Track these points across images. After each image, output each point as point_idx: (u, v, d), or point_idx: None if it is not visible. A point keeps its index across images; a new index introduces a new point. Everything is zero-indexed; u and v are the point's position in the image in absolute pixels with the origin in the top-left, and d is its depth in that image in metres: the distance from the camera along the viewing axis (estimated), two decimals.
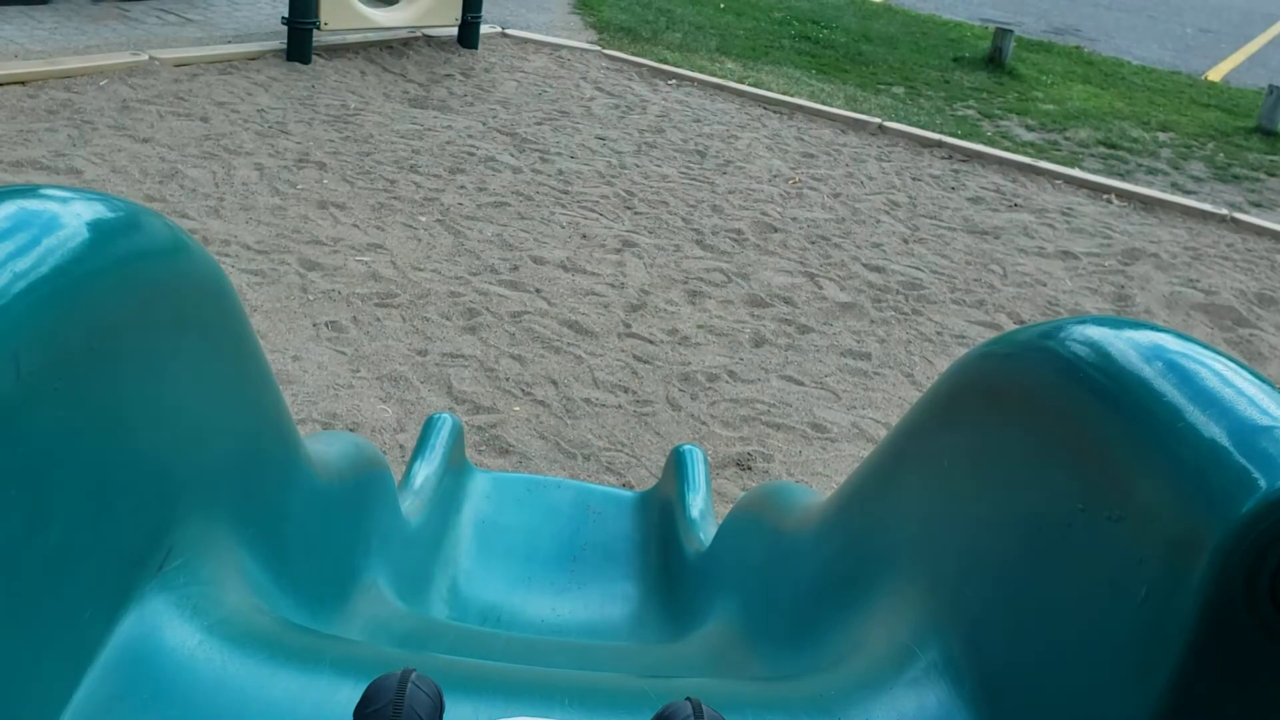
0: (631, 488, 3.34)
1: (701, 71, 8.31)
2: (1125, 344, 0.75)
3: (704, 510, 2.19)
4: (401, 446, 3.37)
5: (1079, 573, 0.72)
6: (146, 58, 6.34)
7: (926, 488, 0.91)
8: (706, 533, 2.05)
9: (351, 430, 3.41)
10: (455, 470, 2.45)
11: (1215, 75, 11.60)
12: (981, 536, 0.82)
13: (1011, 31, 10.18)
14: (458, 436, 2.45)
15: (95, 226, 0.70)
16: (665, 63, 8.40)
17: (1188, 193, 7.17)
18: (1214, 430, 0.66)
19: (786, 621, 1.17)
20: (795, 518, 1.30)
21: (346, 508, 1.31)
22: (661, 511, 2.41)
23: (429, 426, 2.40)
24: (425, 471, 2.21)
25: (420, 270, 4.51)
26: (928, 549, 0.89)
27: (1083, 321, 0.82)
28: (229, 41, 7.04)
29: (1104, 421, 0.72)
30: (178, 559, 0.79)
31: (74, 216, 0.69)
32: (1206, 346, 0.77)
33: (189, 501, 0.83)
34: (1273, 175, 7.85)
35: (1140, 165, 7.70)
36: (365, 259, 4.52)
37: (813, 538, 1.18)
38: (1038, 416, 0.77)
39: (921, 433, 0.96)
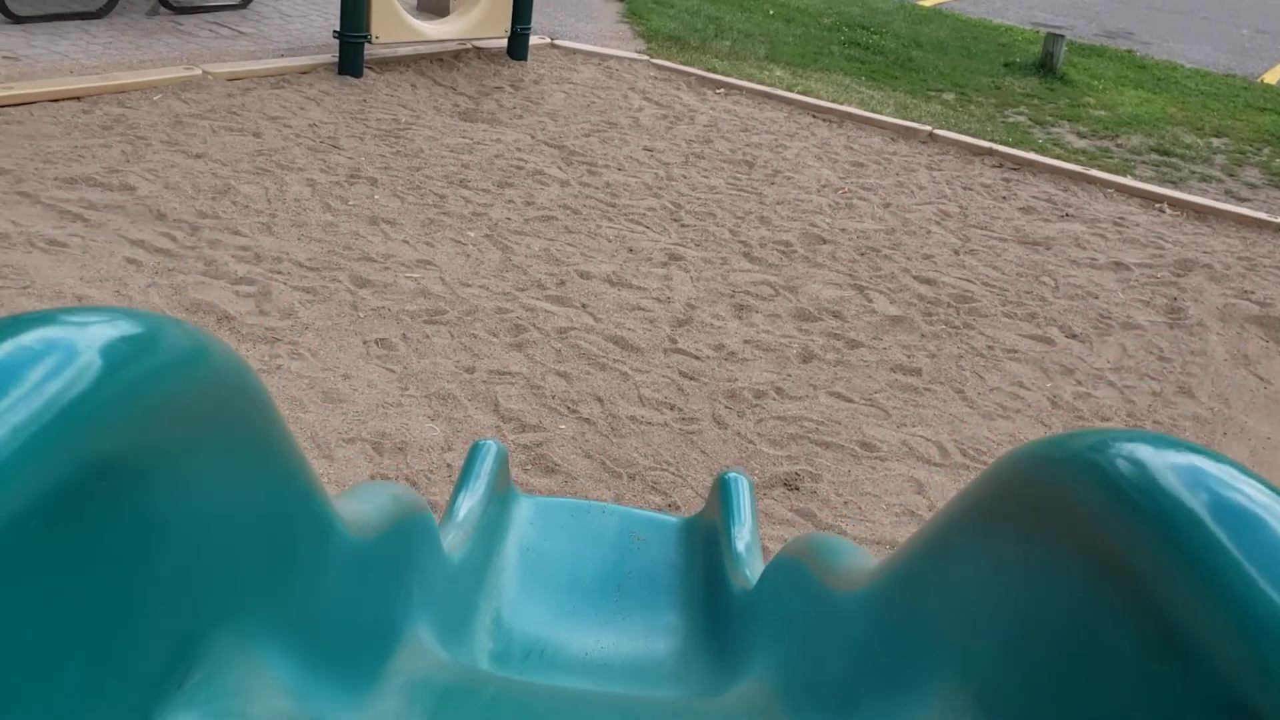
0: (677, 508, 3.35)
1: (750, 79, 8.29)
2: (1183, 477, 0.73)
3: (750, 544, 2.19)
4: (449, 465, 3.39)
5: (1122, 712, 0.71)
6: (200, 72, 6.43)
7: (971, 585, 0.90)
8: (753, 568, 2.04)
9: (400, 449, 3.44)
10: (500, 497, 2.46)
11: (1271, 78, 11.40)
12: (1024, 649, 0.81)
13: (1063, 35, 10.08)
14: (502, 463, 2.46)
15: (106, 352, 0.70)
16: (714, 71, 8.40)
17: (1241, 200, 7.05)
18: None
19: (830, 690, 1.16)
20: (842, 577, 1.29)
21: (384, 563, 1.32)
22: (706, 540, 2.41)
23: (473, 454, 2.41)
24: (469, 503, 2.22)
25: (468, 286, 4.54)
26: (971, 650, 0.88)
27: (1134, 439, 0.79)
28: (281, 55, 7.13)
29: (1158, 561, 0.70)
30: (200, 673, 0.79)
31: (81, 344, 0.69)
32: (1269, 486, 0.74)
33: (213, 612, 0.83)
34: None
35: (1194, 172, 7.59)
36: (415, 275, 4.56)
37: (859, 604, 1.17)
38: (1087, 539, 0.76)
39: (967, 526, 0.95)
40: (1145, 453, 0.76)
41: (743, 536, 2.22)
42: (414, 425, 3.57)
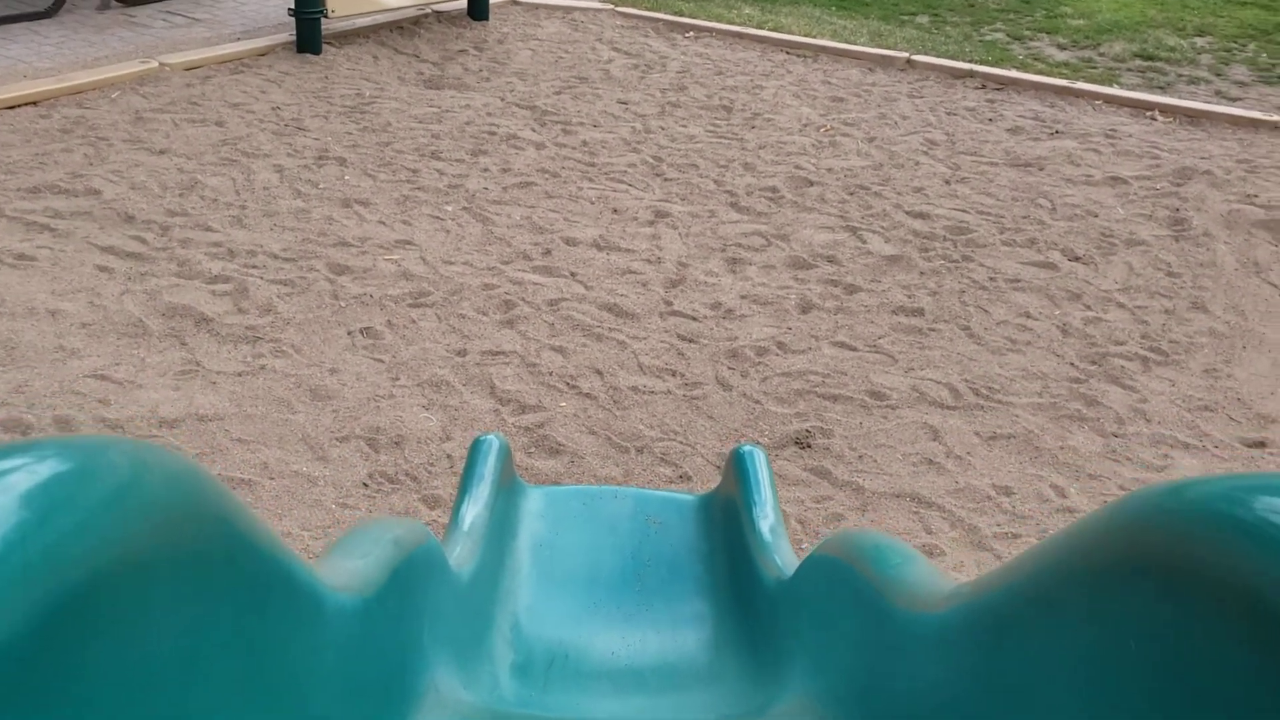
0: (689, 479, 3.23)
1: (719, 20, 8.09)
2: None
3: (774, 524, 2.07)
4: (449, 456, 3.27)
5: None
6: (156, 65, 6.23)
7: (1097, 653, 0.78)
8: (781, 553, 1.92)
9: (396, 443, 3.31)
10: (505, 492, 2.34)
11: None
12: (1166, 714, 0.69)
13: None
14: (505, 457, 2.33)
15: (31, 503, 0.58)
16: (681, 14, 8.19)
17: (1233, 100, 6.90)
18: None
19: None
20: (907, 594, 1.17)
21: (388, 617, 1.20)
22: (727, 519, 2.29)
23: (474, 452, 2.28)
24: (475, 508, 2.10)
25: (451, 264, 4.39)
26: (1093, 711, 0.76)
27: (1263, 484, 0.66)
28: (237, 39, 6.92)
29: None
30: None
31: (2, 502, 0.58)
32: None
33: None
34: None
35: (1180, 75, 7.42)
36: (394, 257, 4.41)
37: (938, 633, 1.05)
38: (1239, 598, 0.63)
39: (1080, 576, 0.82)
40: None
41: (766, 517, 2.10)
42: (409, 417, 3.44)
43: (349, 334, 3.88)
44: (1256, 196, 5.21)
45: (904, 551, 1.32)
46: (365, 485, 3.16)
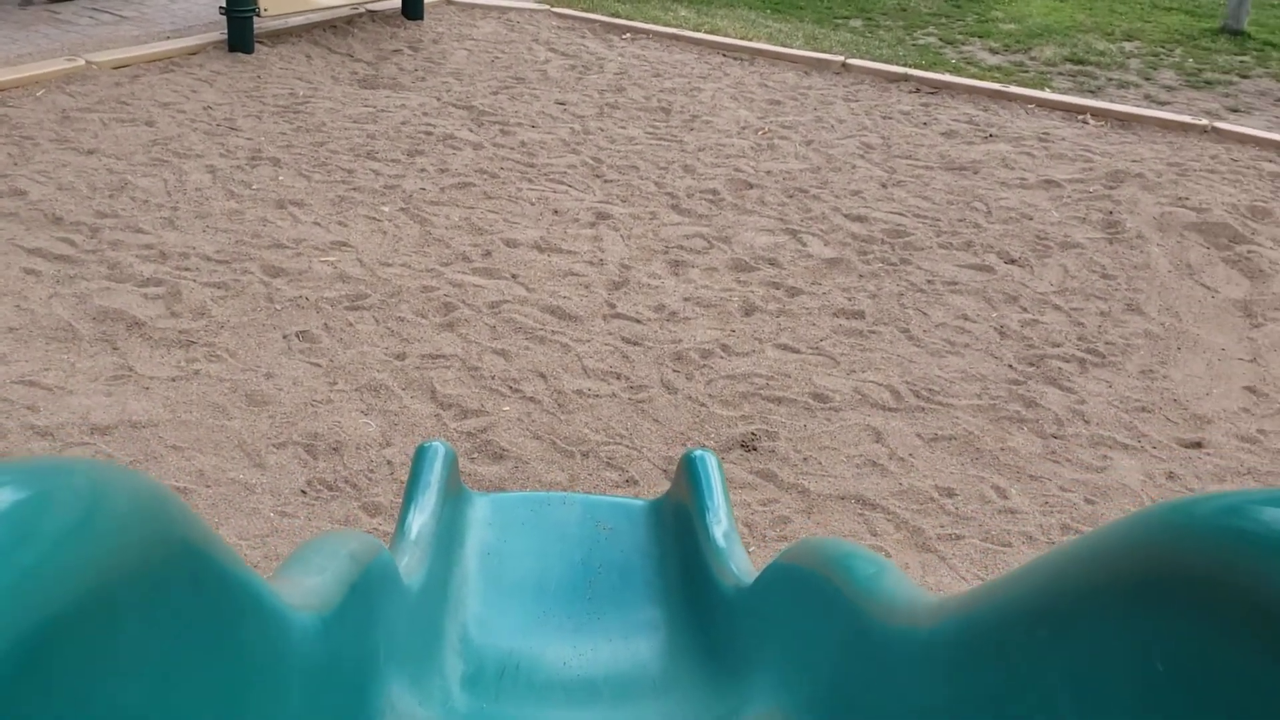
0: (635, 484, 3.21)
1: (655, 22, 8.08)
2: None
3: (728, 531, 2.05)
4: (389, 463, 3.21)
5: None
6: (83, 63, 6.08)
7: (1111, 672, 0.76)
8: (737, 559, 1.90)
9: (335, 450, 3.25)
10: (452, 500, 2.29)
11: None
12: None
13: None
14: (452, 465, 2.29)
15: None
16: (617, 16, 8.17)
17: (1162, 104, 7.02)
18: None
19: None
20: (886, 606, 1.15)
21: (347, 634, 1.16)
22: (678, 524, 2.27)
23: (419, 459, 2.24)
24: (421, 516, 2.05)
25: (389, 266, 4.32)
26: None
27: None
28: (167, 38, 6.77)
29: None
30: None
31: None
32: None
33: None
34: (1245, 77, 7.72)
35: (1110, 79, 7.54)
36: (330, 259, 4.33)
37: (925, 649, 1.03)
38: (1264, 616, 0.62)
39: (1088, 593, 0.80)
40: None
41: (720, 522, 2.08)
42: (347, 422, 3.38)
43: (285, 338, 3.81)
44: (1188, 199, 5.30)
45: (875, 560, 1.31)
46: (304, 492, 3.10)
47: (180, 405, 3.39)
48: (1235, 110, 6.99)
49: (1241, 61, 8.05)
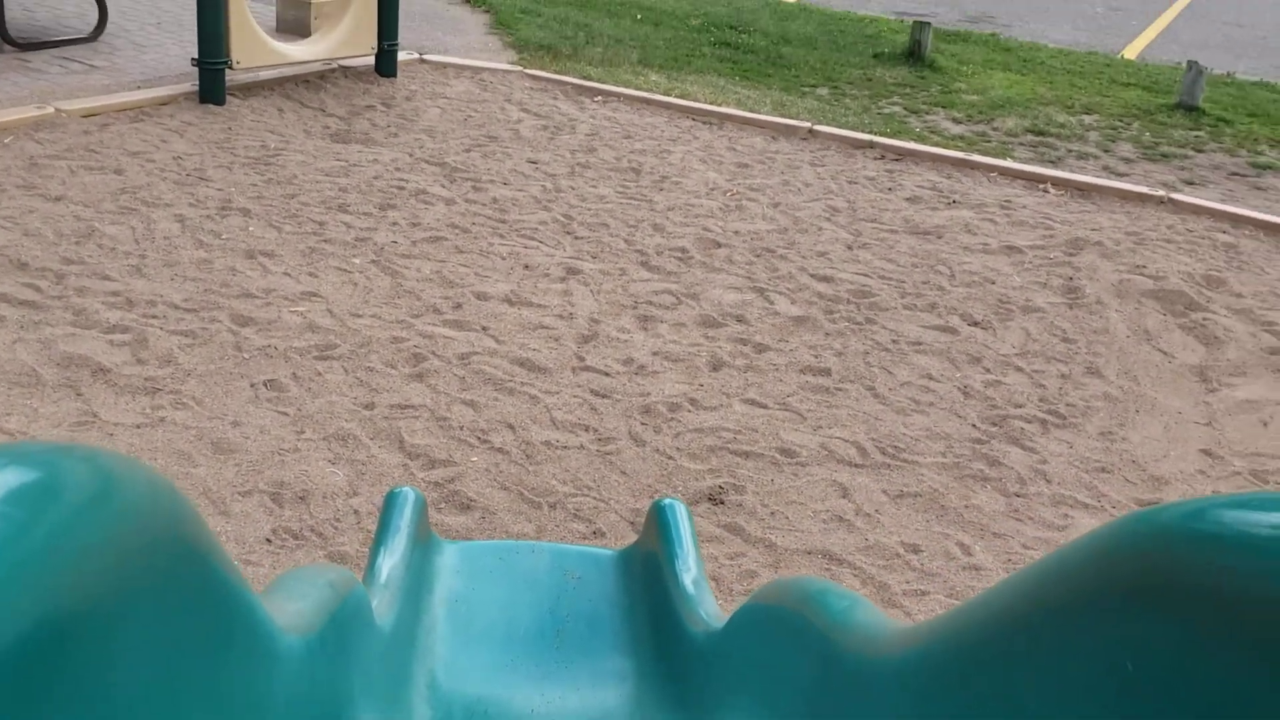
0: (603, 535, 3.21)
1: (626, 85, 8.19)
2: None
3: (697, 578, 2.05)
4: (356, 512, 3.20)
5: None
6: (52, 110, 6.08)
7: (1097, 689, 0.78)
8: (706, 606, 1.91)
9: (301, 498, 3.23)
10: (421, 547, 2.29)
11: (1131, 53, 11.72)
12: None
13: (929, 24, 10.19)
14: (421, 512, 2.29)
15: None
16: (589, 79, 8.27)
17: (1120, 175, 7.18)
18: None
19: None
20: (859, 637, 1.16)
21: (326, 661, 1.16)
22: (647, 573, 2.27)
23: (389, 504, 2.23)
24: (390, 560, 2.05)
25: (359, 317, 4.33)
26: None
27: (1239, 502, 0.68)
28: (138, 87, 6.79)
29: None
30: None
31: None
32: None
33: None
34: (1199, 151, 7.91)
35: (1070, 150, 7.71)
36: (300, 309, 4.33)
37: (899, 675, 1.04)
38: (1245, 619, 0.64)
39: (1067, 603, 0.82)
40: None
41: (689, 570, 2.09)
42: (314, 471, 3.37)
43: (252, 386, 3.80)
44: (1145, 267, 5.40)
45: (848, 595, 1.32)
46: (269, 541, 3.07)
47: (144, 452, 3.37)
48: (1190, 183, 7.16)
49: (1196, 136, 8.26)
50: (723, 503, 3.42)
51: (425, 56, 8.33)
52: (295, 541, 3.07)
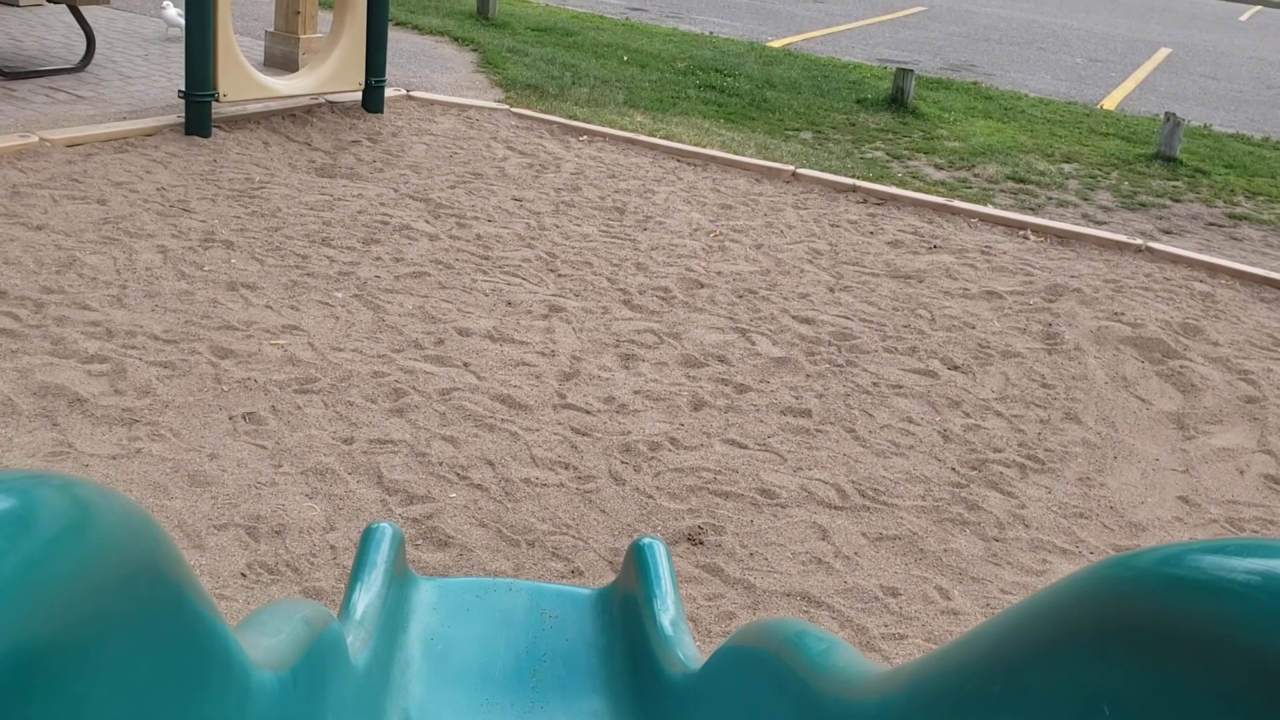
0: (581, 574, 3.19)
1: (612, 126, 8.23)
2: None
3: (675, 619, 2.04)
4: (332, 548, 3.17)
5: None
6: (36, 139, 6.08)
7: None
8: (685, 648, 1.90)
9: (278, 533, 3.21)
10: (398, 583, 2.27)
11: (1110, 104, 11.86)
12: None
13: (911, 71, 10.29)
14: (399, 547, 2.27)
15: None
16: (575, 118, 8.32)
17: (1099, 223, 7.25)
18: None
19: None
20: (837, 680, 1.16)
21: (300, 697, 1.15)
22: (625, 613, 2.26)
23: (366, 539, 2.22)
24: (366, 596, 2.03)
25: (340, 351, 4.32)
26: None
27: (1222, 548, 0.69)
28: (123, 118, 6.79)
29: None
30: None
31: None
32: None
33: None
34: (1177, 201, 7.99)
35: (1050, 198, 7.78)
36: (281, 342, 4.32)
37: (879, 716, 1.04)
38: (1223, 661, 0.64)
39: (1046, 647, 0.82)
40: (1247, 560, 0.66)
41: (667, 610, 2.08)
42: (291, 505, 3.35)
43: (231, 419, 3.78)
44: (1123, 315, 5.45)
45: (826, 637, 1.32)
46: (244, 575, 3.05)
47: (120, 483, 3.34)
48: (1168, 232, 7.23)
49: (1174, 186, 8.35)
50: (702, 543, 3.41)
51: (412, 93, 8.37)
52: (270, 576, 3.05)
